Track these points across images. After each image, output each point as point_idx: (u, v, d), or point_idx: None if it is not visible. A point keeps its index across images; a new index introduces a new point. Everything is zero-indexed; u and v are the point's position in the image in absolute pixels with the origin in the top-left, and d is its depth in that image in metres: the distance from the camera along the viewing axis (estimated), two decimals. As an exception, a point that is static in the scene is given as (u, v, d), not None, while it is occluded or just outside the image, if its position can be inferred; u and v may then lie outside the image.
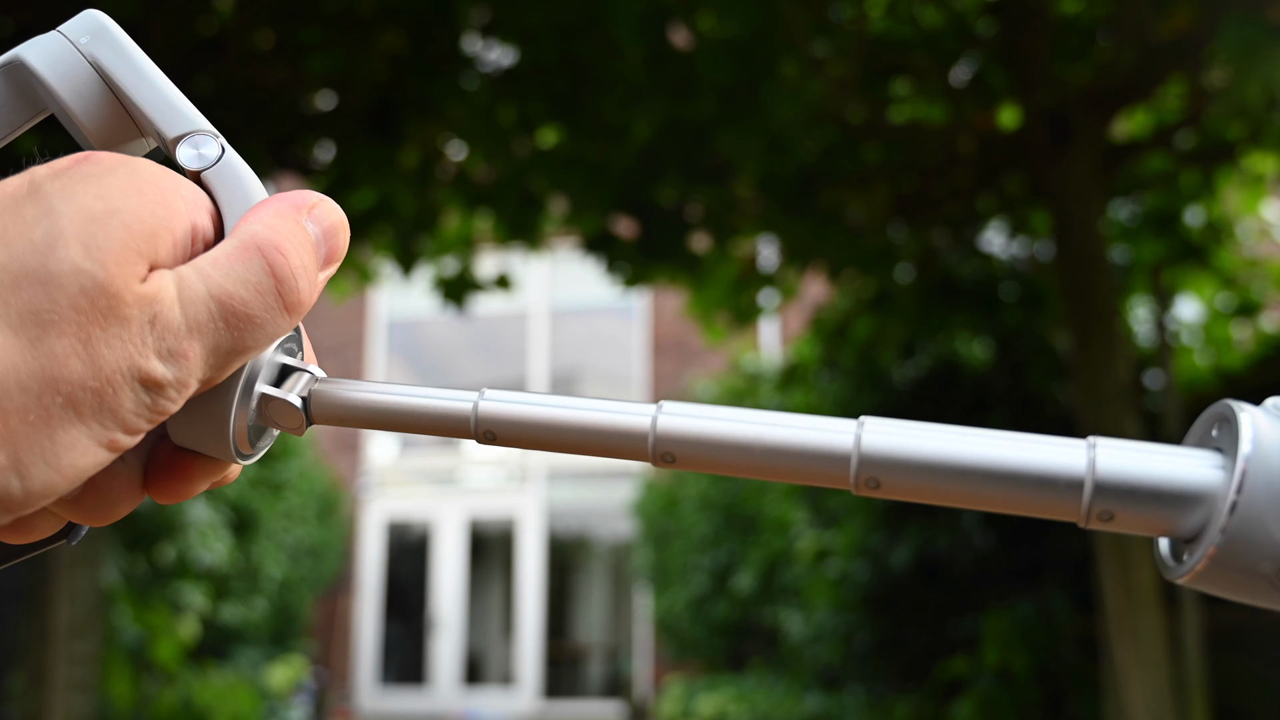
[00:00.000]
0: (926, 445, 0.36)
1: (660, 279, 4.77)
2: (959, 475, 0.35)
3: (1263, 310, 5.09)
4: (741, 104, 3.55)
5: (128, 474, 0.40)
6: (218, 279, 0.35)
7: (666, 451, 0.38)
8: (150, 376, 0.33)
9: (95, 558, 4.14)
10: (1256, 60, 2.86)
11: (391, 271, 4.88)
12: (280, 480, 8.48)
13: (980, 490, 0.35)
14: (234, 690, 6.74)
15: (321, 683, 10.01)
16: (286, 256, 0.37)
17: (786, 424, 0.37)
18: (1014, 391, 5.17)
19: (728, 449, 0.37)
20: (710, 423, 0.38)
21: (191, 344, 0.34)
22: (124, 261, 0.33)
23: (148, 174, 0.35)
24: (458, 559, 12.08)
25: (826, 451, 0.36)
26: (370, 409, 0.41)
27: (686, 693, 8.44)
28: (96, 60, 0.40)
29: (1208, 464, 0.34)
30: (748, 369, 8.82)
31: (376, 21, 3.75)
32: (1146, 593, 3.50)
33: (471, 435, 0.40)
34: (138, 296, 0.33)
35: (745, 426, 0.37)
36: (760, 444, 0.37)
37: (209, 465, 0.41)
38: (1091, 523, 0.35)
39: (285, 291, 0.36)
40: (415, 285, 5.03)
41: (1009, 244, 5.20)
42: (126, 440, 0.34)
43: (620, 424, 0.38)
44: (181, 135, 0.40)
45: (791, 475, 0.37)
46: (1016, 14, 3.82)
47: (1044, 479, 0.35)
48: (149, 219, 0.34)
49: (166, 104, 0.40)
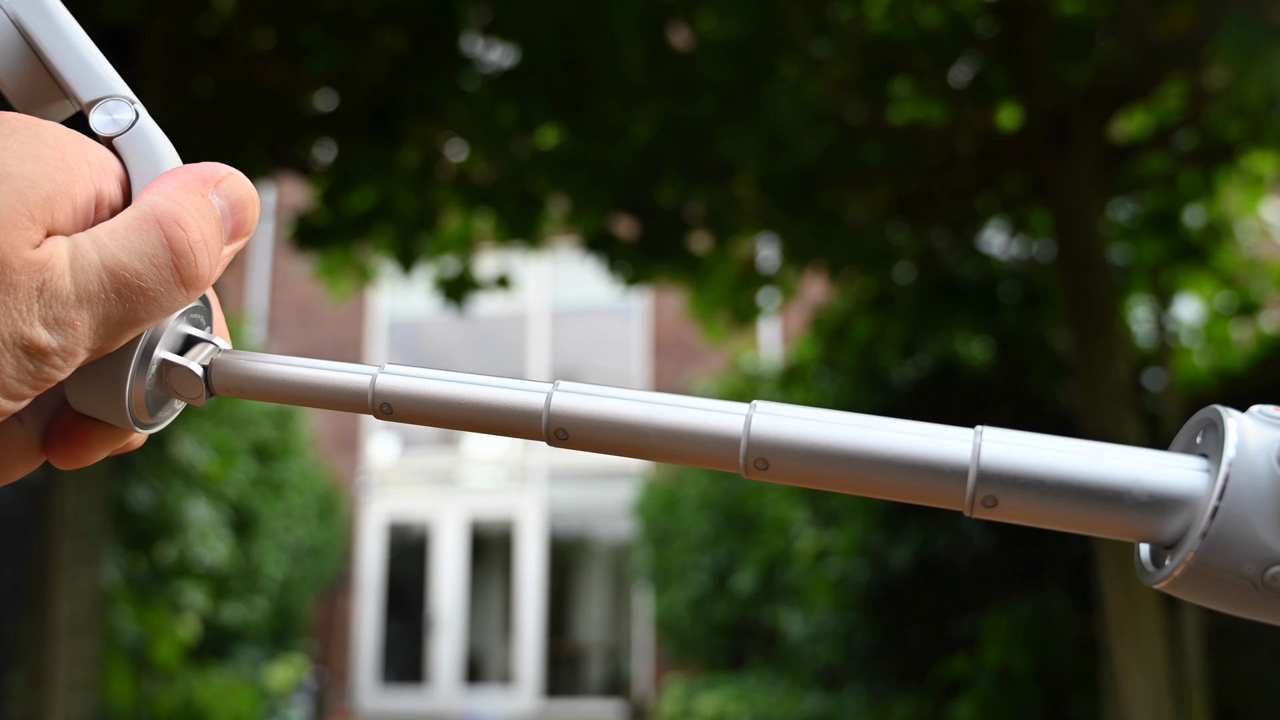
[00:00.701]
0: (814, 430, 0.35)
1: (660, 279, 4.77)
2: (845, 460, 0.35)
3: (1263, 310, 5.09)
4: (741, 104, 3.56)
5: (24, 436, 0.39)
6: (112, 249, 0.35)
7: (560, 429, 0.37)
8: (34, 344, 0.33)
9: (95, 557, 4.14)
10: (1256, 60, 2.86)
11: (391, 271, 4.88)
12: (280, 480, 8.48)
13: (867, 477, 0.35)
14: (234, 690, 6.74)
15: (322, 682, 10.01)
16: (185, 230, 0.36)
17: (679, 404, 0.37)
18: (1014, 391, 5.17)
19: (620, 428, 0.37)
20: (603, 401, 0.37)
21: (80, 313, 0.34)
22: (13, 227, 0.32)
23: (51, 137, 0.35)
24: (458, 559, 12.08)
25: (717, 434, 0.36)
26: (270, 380, 0.40)
27: (686, 692, 8.44)
28: (18, 18, 0.39)
29: (1190, 468, 0.33)
30: (748, 369, 8.82)
31: (376, 21, 3.75)
32: (1146, 593, 3.50)
33: (369, 410, 0.40)
34: (25, 262, 0.32)
35: (638, 406, 0.37)
36: (653, 424, 0.37)
37: (108, 432, 0.40)
38: (976, 510, 0.34)
39: (182, 265, 0.36)
40: (415, 285, 5.03)
41: (1009, 244, 5.20)
42: (8, 404, 0.34)
43: (515, 401, 0.38)
44: (97, 100, 0.39)
45: (683, 457, 0.37)
46: (1016, 14, 3.82)
47: (929, 467, 0.34)
48: (46, 183, 0.33)
49: (84, 66, 0.39)
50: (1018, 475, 0.33)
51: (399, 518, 12.29)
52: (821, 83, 3.69)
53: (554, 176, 4.13)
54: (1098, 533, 0.34)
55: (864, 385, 5.53)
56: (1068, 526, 0.34)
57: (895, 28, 3.96)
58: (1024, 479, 0.34)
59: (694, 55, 3.51)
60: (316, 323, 12.55)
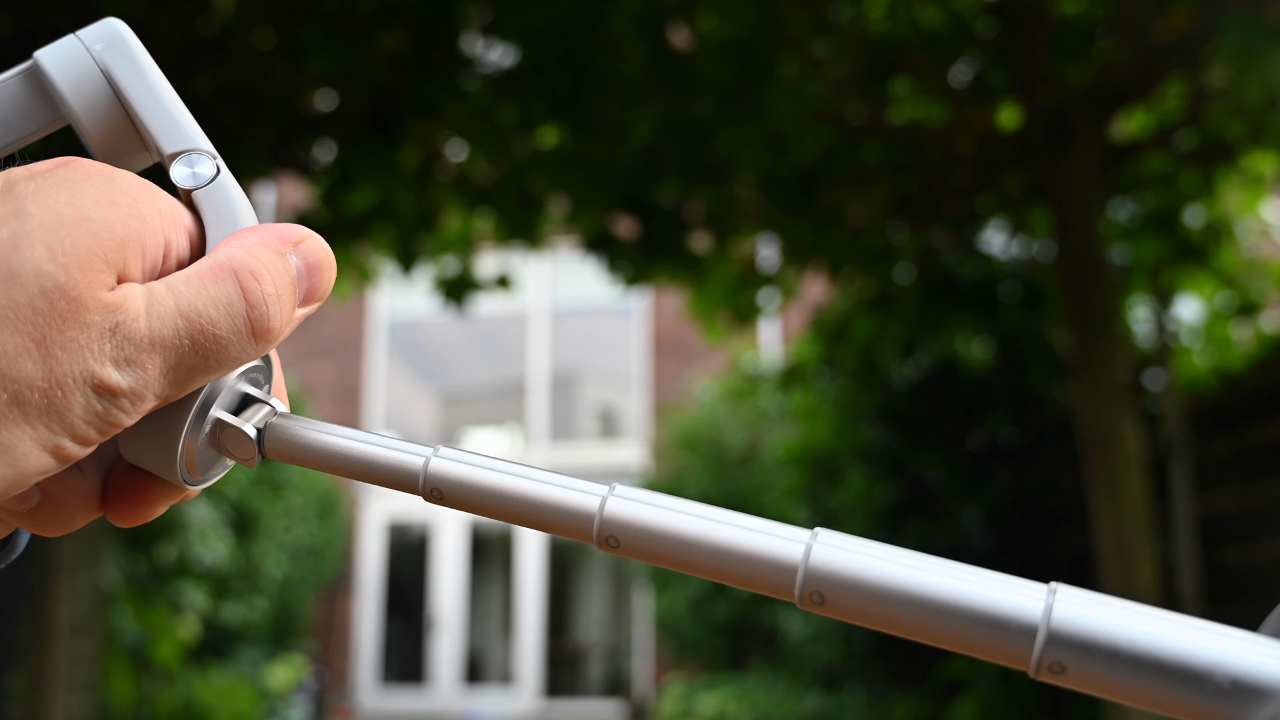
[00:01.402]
0: (877, 568, 0.34)
1: (660, 279, 4.77)
2: (905, 603, 0.34)
3: (1263, 310, 5.09)
4: (741, 104, 3.56)
5: (85, 487, 0.39)
6: (188, 296, 0.35)
7: (612, 536, 0.37)
8: (104, 383, 0.33)
9: (95, 558, 4.15)
10: (1256, 60, 2.86)
11: (391, 271, 4.88)
12: (281, 480, 8.48)
13: (927, 624, 0.34)
14: (234, 690, 6.74)
15: (322, 682, 10.01)
16: (260, 282, 0.36)
17: (738, 524, 0.36)
18: (1014, 391, 5.17)
19: (673, 544, 0.36)
20: (658, 513, 0.37)
21: (152, 357, 0.34)
22: (88, 268, 0.33)
23: (124, 185, 0.35)
24: (458, 559, 12.08)
25: (774, 560, 0.35)
26: (322, 451, 0.40)
27: (686, 692, 8.44)
28: (108, 69, 0.39)
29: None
30: (748, 369, 8.82)
31: (376, 21, 3.75)
32: (1146, 593, 3.50)
33: (419, 492, 0.39)
34: (100, 303, 0.33)
35: (695, 522, 0.36)
36: (707, 543, 0.36)
37: (165, 489, 0.40)
38: (1042, 674, 0.32)
39: (255, 317, 0.36)
40: (415, 285, 5.03)
41: (1009, 244, 5.20)
42: (74, 449, 0.33)
43: (568, 502, 0.38)
44: (179, 152, 0.39)
45: (736, 579, 0.36)
46: (1016, 14, 3.82)
47: (995, 621, 0.33)
48: (119, 229, 0.34)
49: (169, 119, 0.40)
50: (1091, 643, 0.31)
51: (399, 518, 12.29)
52: (821, 83, 3.69)
53: (554, 176, 4.14)
54: (1174, 714, 0.32)
55: (864, 385, 5.54)
56: (1142, 704, 0.32)
57: (895, 28, 3.96)
58: (1098, 648, 0.31)
59: (694, 55, 3.51)
60: (316, 322, 12.56)
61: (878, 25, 3.95)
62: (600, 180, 4.05)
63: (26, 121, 0.39)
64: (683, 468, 9.27)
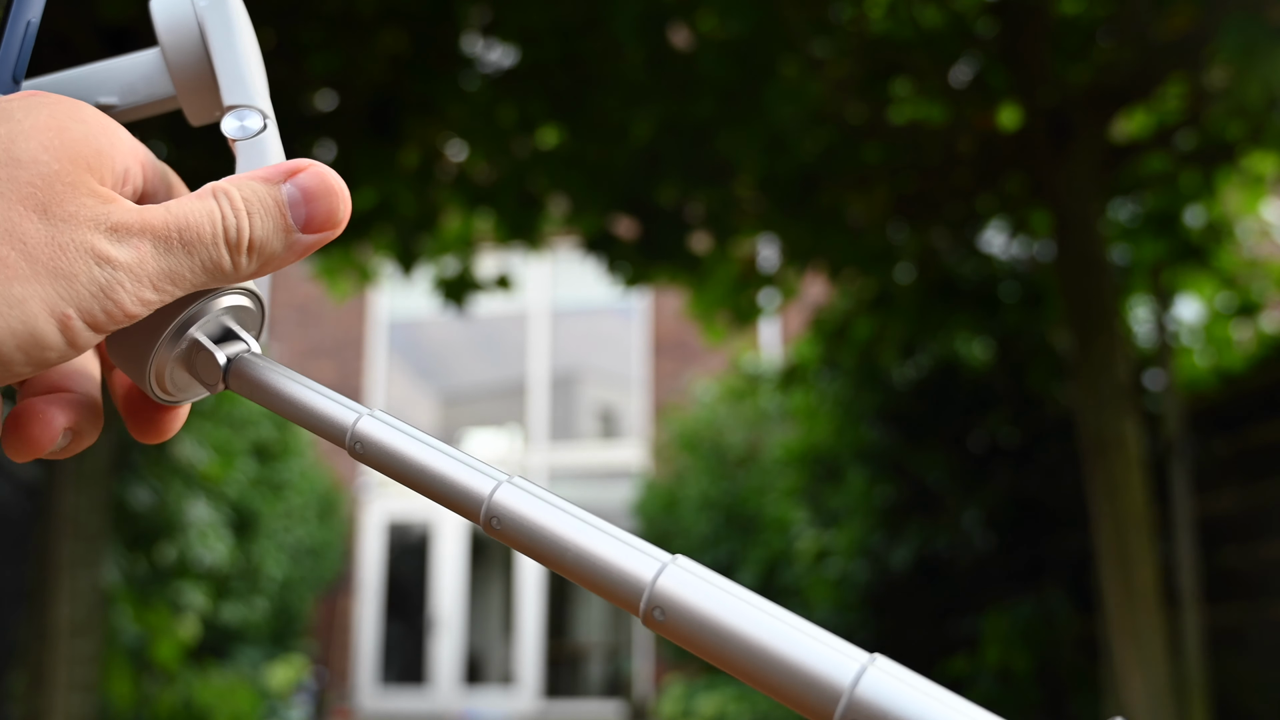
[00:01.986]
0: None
1: (660, 279, 4.77)
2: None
3: (1263, 310, 5.09)
4: (741, 104, 3.56)
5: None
6: (173, 206, 0.37)
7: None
8: (104, 253, 0.35)
9: (95, 558, 4.14)
10: (1256, 60, 2.86)
11: (391, 271, 4.88)
12: (281, 480, 8.48)
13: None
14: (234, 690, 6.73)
15: (322, 683, 10.01)
16: (230, 198, 0.38)
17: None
18: (1014, 391, 5.17)
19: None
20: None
21: (144, 240, 0.36)
22: (78, 165, 0.35)
23: (90, 112, 0.38)
24: (458, 559, 12.08)
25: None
26: (275, 394, 0.41)
27: (686, 693, 8.44)
28: (203, 22, 0.42)
29: None
30: (748, 369, 8.82)
31: (376, 21, 3.75)
32: (1146, 593, 3.50)
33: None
34: (92, 190, 0.35)
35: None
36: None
37: (159, 408, 0.43)
38: None
39: (228, 227, 0.37)
40: (415, 285, 5.03)
41: (1009, 244, 5.20)
42: (80, 327, 0.35)
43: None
44: (235, 105, 0.41)
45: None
46: (1016, 14, 3.82)
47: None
48: (94, 142, 0.36)
49: (236, 74, 0.42)
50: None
51: (399, 518, 12.29)
52: (821, 83, 3.69)
53: (554, 176, 4.13)
54: None
55: (864, 385, 5.54)
56: None
57: (895, 28, 3.96)
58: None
59: (694, 55, 3.51)
60: (316, 323, 12.56)
61: (878, 25, 3.95)
62: (600, 180, 4.05)
63: (152, 88, 0.42)
64: (683, 468, 9.27)
